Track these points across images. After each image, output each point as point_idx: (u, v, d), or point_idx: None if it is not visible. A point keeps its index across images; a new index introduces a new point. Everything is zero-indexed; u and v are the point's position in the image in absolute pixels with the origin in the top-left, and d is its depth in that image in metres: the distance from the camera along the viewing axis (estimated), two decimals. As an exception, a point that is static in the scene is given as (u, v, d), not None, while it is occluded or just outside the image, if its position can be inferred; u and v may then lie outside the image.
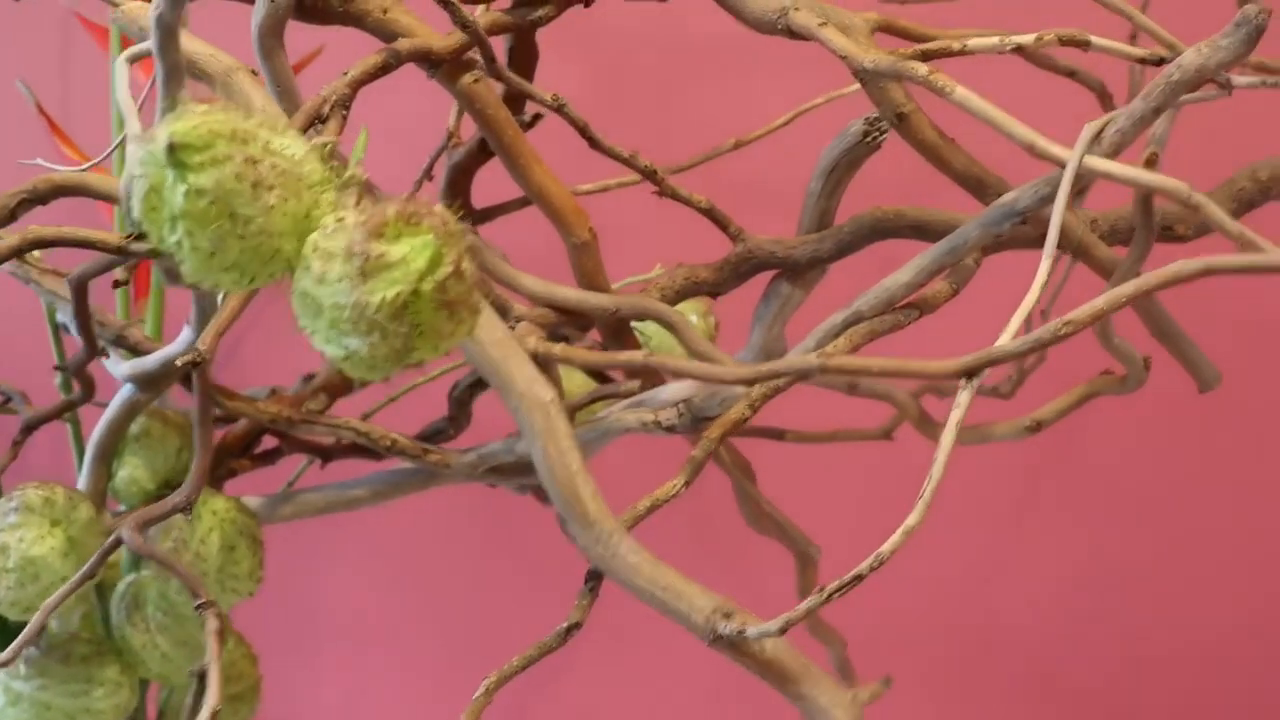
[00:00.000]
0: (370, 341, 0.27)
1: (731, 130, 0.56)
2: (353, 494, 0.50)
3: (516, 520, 0.78)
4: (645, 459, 0.52)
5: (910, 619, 0.69)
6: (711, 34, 0.63)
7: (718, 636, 0.33)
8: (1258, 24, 0.32)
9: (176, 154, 0.27)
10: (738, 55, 0.63)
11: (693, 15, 0.47)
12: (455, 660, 0.77)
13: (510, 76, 0.39)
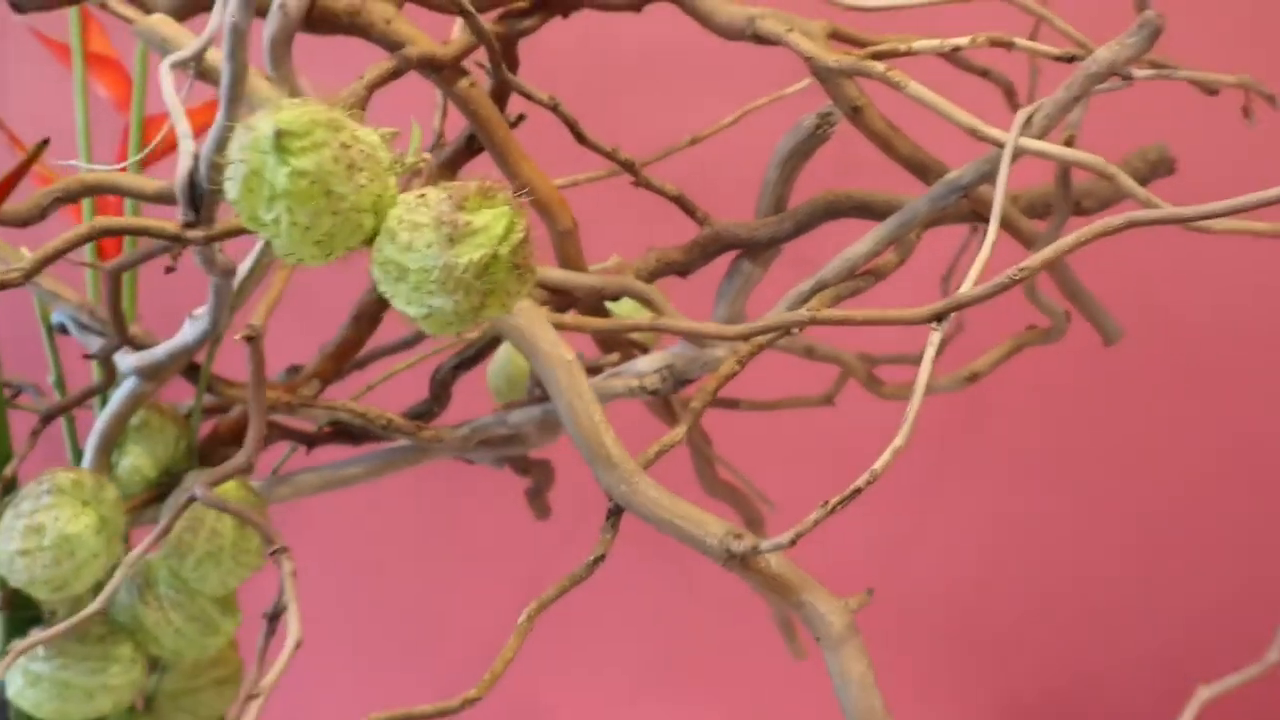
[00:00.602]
0: (455, 299, 0.32)
1: (658, 132, 0.62)
2: (347, 472, 0.54)
3: (465, 511, 0.83)
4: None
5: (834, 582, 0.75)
6: (643, 45, 0.68)
7: (731, 555, 0.38)
8: (1157, 26, 0.39)
9: (281, 140, 0.31)
10: (666, 64, 0.69)
11: (625, 27, 0.53)
12: (406, 651, 0.80)
13: (512, 79, 0.44)
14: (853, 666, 0.39)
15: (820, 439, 0.72)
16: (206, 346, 0.50)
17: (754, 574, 0.39)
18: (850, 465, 0.39)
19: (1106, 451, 0.80)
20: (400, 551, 0.81)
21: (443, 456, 0.53)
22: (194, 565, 0.49)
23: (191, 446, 0.53)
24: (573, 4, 0.46)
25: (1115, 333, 0.50)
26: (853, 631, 0.39)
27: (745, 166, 0.58)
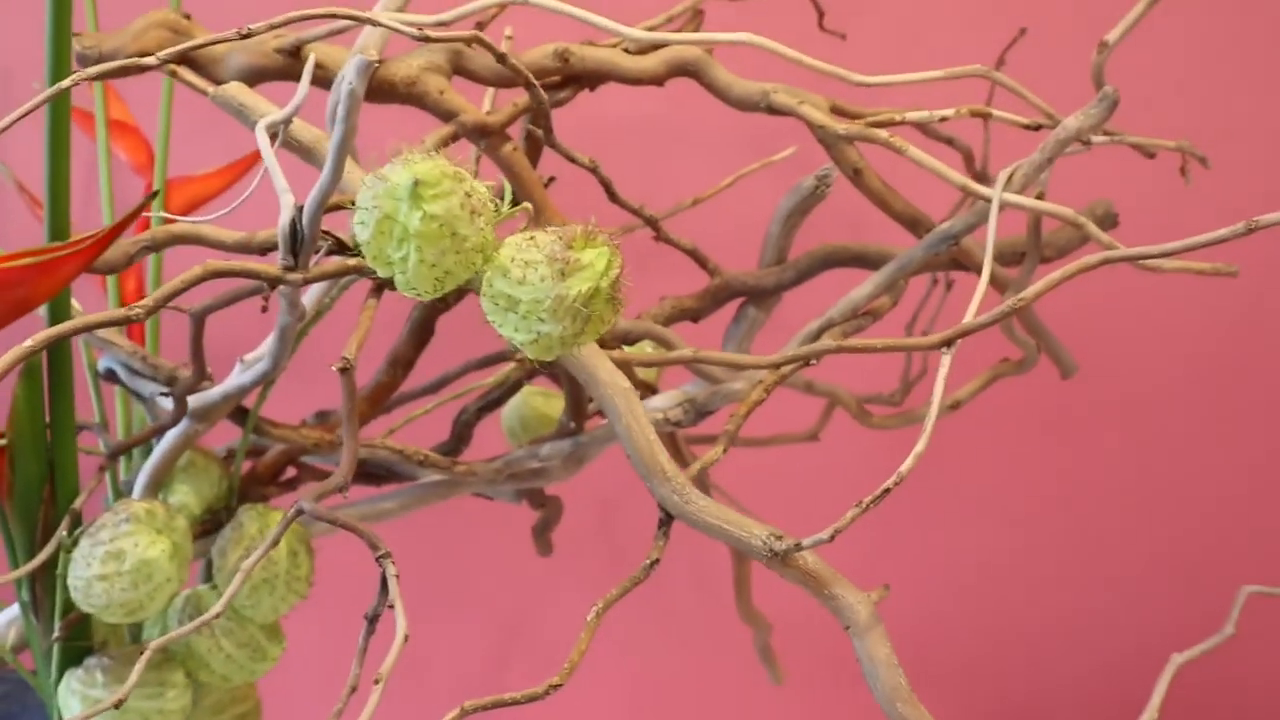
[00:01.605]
0: (562, 326, 0.38)
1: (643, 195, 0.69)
2: (383, 507, 0.59)
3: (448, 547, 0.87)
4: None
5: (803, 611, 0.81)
6: (629, 116, 0.75)
7: (773, 553, 0.44)
8: (1114, 99, 0.47)
9: (417, 188, 0.37)
10: (649, 135, 0.77)
11: (612, 99, 0.60)
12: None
13: (558, 143, 0.50)
14: (878, 650, 0.45)
15: (799, 471, 0.78)
16: (258, 389, 0.55)
17: (792, 570, 0.45)
18: (829, 492, 0.45)
19: (1058, 481, 0.88)
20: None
21: (470, 491, 0.59)
22: (248, 592, 0.53)
23: (233, 486, 0.58)
24: (600, 78, 0.53)
25: (1070, 367, 0.58)
26: (876, 620, 0.46)
27: (720, 223, 0.66)
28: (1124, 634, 0.89)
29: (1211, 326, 0.88)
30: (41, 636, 0.55)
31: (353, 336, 0.46)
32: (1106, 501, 0.89)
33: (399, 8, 0.51)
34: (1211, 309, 0.86)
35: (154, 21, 0.52)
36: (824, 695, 0.86)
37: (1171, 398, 0.87)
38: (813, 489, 0.73)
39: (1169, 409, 0.88)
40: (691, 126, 0.78)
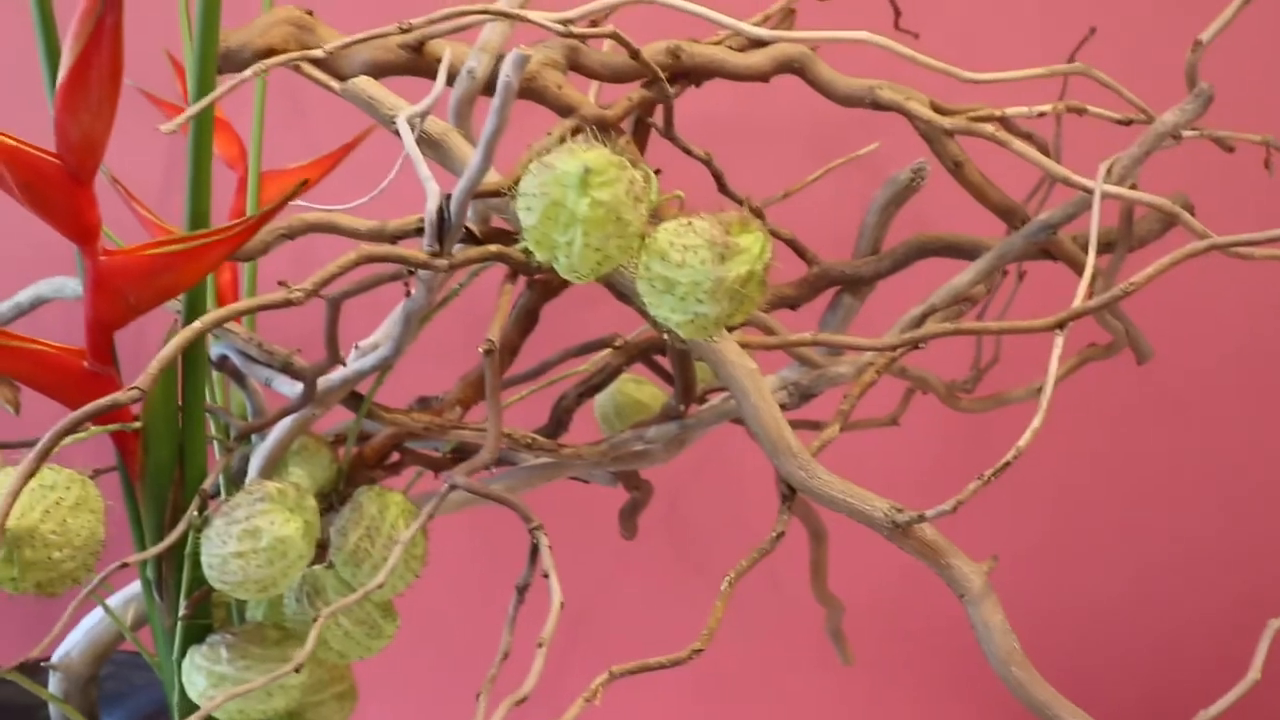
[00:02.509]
0: (720, 306, 0.41)
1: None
2: (490, 489, 0.62)
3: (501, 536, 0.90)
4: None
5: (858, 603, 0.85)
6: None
7: (895, 525, 0.48)
8: (1209, 95, 0.50)
9: (587, 176, 0.40)
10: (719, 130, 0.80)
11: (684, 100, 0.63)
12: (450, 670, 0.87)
13: (676, 136, 0.53)
14: (993, 616, 0.49)
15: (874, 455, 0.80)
16: (375, 375, 0.58)
17: (912, 541, 0.48)
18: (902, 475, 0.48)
19: (1110, 472, 0.92)
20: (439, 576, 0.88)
21: (572, 473, 0.62)
22: (369, 571, 0.56)
23: (341, 469, 0.61)
24: (706, 74, 0.56)
25: (1148, 352, 0.62)
26: (989, 589, 0.49)
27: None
28: (1176, 615, 0.92)
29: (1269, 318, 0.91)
30: (164, 615, 0.57)
31: (494, 321, 0.49)
32: (1163, 485, 0.92)
33: (521, 4, 0.54)
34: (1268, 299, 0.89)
35: (279, 18, 0.55)
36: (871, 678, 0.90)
37: (1229, 386, 0.91)
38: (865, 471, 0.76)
39: (1227, 396, 0.91)
40: (753, 122, 0.81)
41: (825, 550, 0.72)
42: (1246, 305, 0.90)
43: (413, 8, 0.55)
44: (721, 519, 0.90)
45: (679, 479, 0.86)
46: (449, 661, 0.92)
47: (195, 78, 0.49)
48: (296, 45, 0.55)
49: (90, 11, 0.44)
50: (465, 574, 0.90)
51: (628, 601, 0.87)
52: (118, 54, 0.45)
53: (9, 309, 0.65)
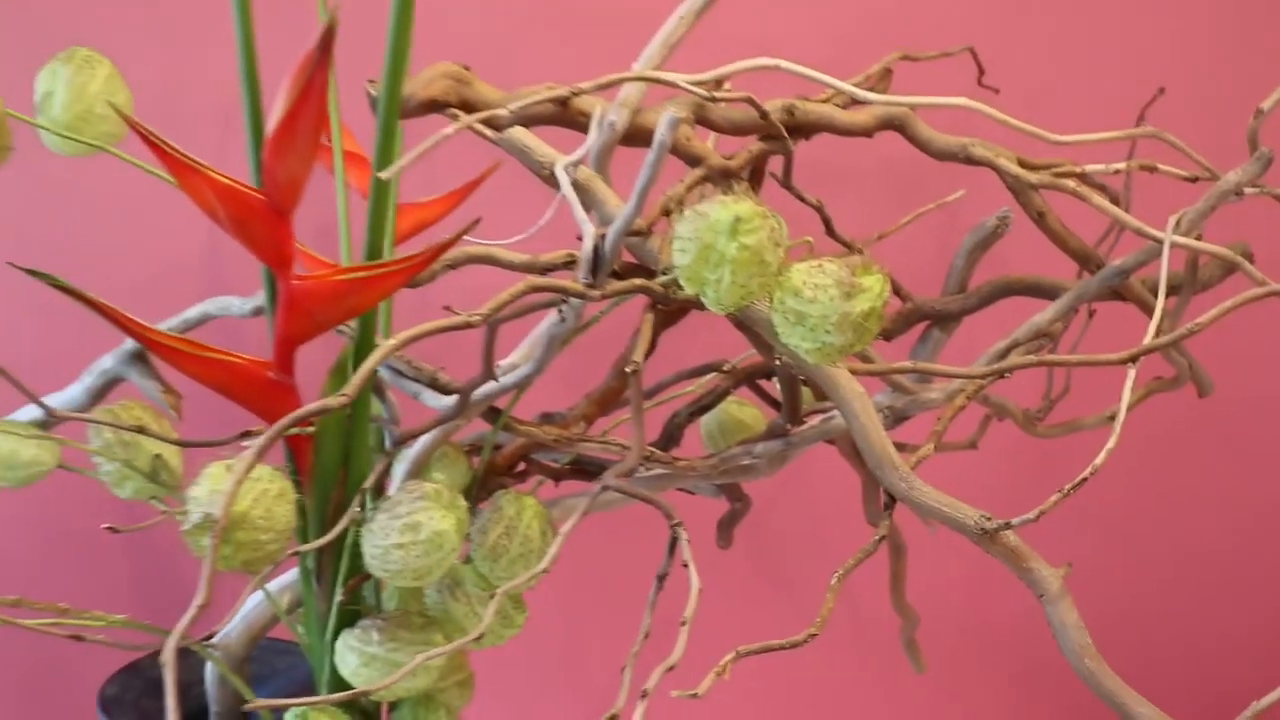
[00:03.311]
0: (844, 337, 0.49)
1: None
2: (605, 498, 0.70)
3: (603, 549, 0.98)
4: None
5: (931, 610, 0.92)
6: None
7: (984, 531, 0.55)
8: (1269, 159, 0.58)
9: (737, 224, 0.48)
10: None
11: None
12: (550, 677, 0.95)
13: (793, 186, 0.62)
14: (1068, 616, 0.56)
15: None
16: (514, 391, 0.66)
17: (998, 546, 0.56)
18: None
19: (1169, 498, 0.99)
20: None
21: (682, 484, 0.70)
22: (506, 565, 0.64)
23: (476, 475, 0.69)
24: (817, 129, 0.65)
25: (1209, 386, 0.69)
26: (1065, 591, 0.57)
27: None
28: (1225, 622, 0.99)
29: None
30: (319, 600, 0.66)
31: (639, 345, 0.57)
32: (1218, 506, 1.00)
33: (656, 65, 0.62)
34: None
35: (440, 72, 0.64)
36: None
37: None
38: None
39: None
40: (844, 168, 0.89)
41: (904, 563, 0.79)
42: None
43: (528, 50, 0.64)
44: (797, 531, 0.98)
45: (764, 494, 0.94)
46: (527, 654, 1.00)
47: (382, 125, 0.58)
48: (456, 97, 0.63)
49: (303, 71, 0.53)
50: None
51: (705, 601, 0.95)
52: (323, 108, 0.54)
53: (178, 324, 0.74)
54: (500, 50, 0.95)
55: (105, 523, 0.63)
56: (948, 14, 0.96)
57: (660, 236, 0.60)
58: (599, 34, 0.94)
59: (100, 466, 0.65)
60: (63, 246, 0.97)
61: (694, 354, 0.74)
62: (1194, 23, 0.96)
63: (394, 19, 0.56)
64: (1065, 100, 0.95)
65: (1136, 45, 0.97)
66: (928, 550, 0.81)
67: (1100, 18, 0.98)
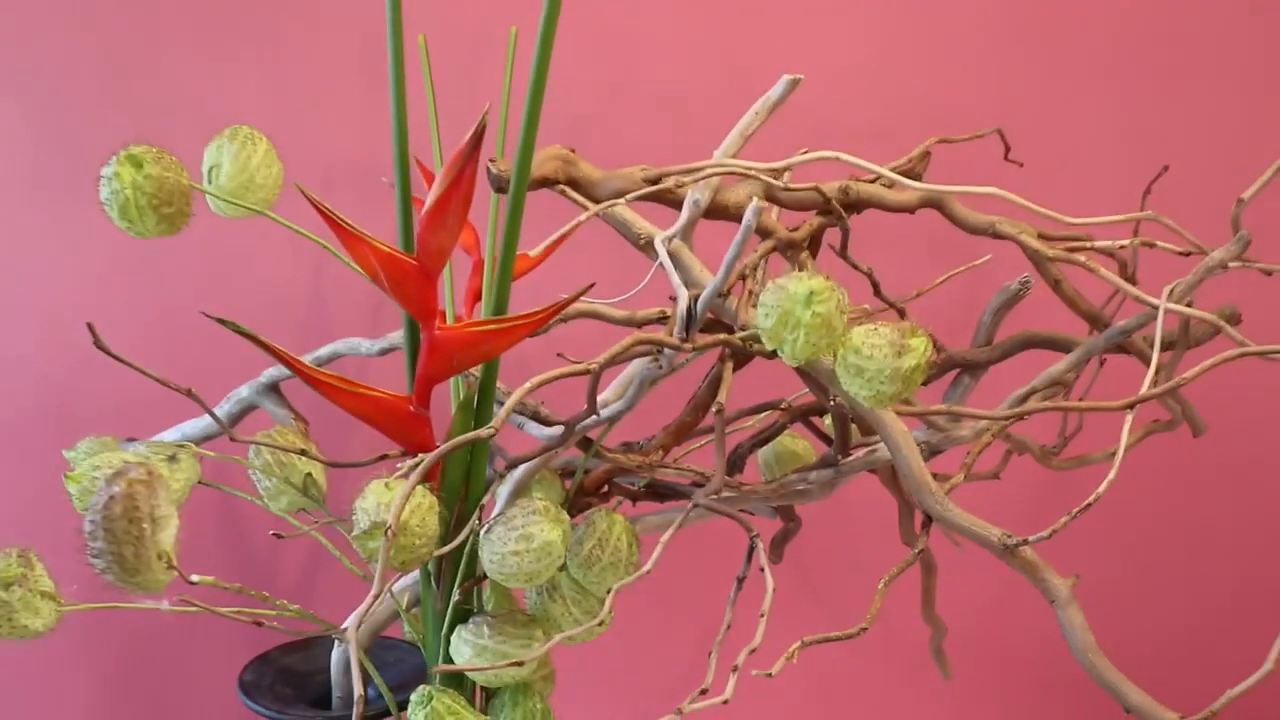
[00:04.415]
0: (895, 387, 0.63)
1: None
2: (674, 516, 0.84)
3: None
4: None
5: (957, 624, 1.06)
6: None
7: (1006, 547, 0.69)
8: (1247, 241, 0.72)
9: (811, 296, 0.63)
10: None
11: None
12: (603, 681, 1.09)
13: (848, 255, 0.76)
14: (1076, 617, 0.70)
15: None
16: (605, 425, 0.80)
17: (1017, 559, 0.70)
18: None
19: (1174, 526, 1.14)
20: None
21: (745, 506, 0.84)
22: (598, 573, 0.78)
23: (568, 495, 0.83)
24: (865, 205, 0.79)
25: (1202, 427, 0.83)
26: (1073, 598, 0.70)
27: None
28: (1225, 642, 1.13)
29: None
30: (437, 600, 0.80)
31: (722, 389, 0.72)
32: (1221, 533, 1.14)
33: (733, 154, 0.76)
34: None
35: (550, 154, 0.78)
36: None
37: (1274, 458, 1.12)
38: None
39: (1269, 464, 1.13)
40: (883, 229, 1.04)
41: (935, 580, 0.93)
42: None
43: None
44: (836, 548, 1.12)
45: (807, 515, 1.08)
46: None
47: (512, 202, 0.72)
48: (564, 175, 0.77)
49: (455, 163, 0.67)
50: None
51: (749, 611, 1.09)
52: (470, 192, 0.68)
53: (311, 360, 0.88)
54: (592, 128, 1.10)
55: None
56: (980, 97, 1.11)
57: (737, 298, 0.74)
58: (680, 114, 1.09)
59: (259, 483, 0.79)
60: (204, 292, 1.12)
61: (751, 393, 0.88)
62: (1199, 107, 1.11)
63: (526, 115, 0.70)
64: (1086, 170, 1.10)
65: (1147, 123, 1.12)
66: (955, 569, 0.95)
67: (1117, 100, 1.12)
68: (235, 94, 1.11)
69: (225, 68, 1.11)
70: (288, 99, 1.12)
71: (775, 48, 1.13)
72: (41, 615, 0.63)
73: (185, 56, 1.11)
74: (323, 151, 1.11)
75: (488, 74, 1.06)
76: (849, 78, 1.13)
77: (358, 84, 1.12)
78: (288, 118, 1.12)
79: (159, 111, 1.12)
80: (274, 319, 1.13)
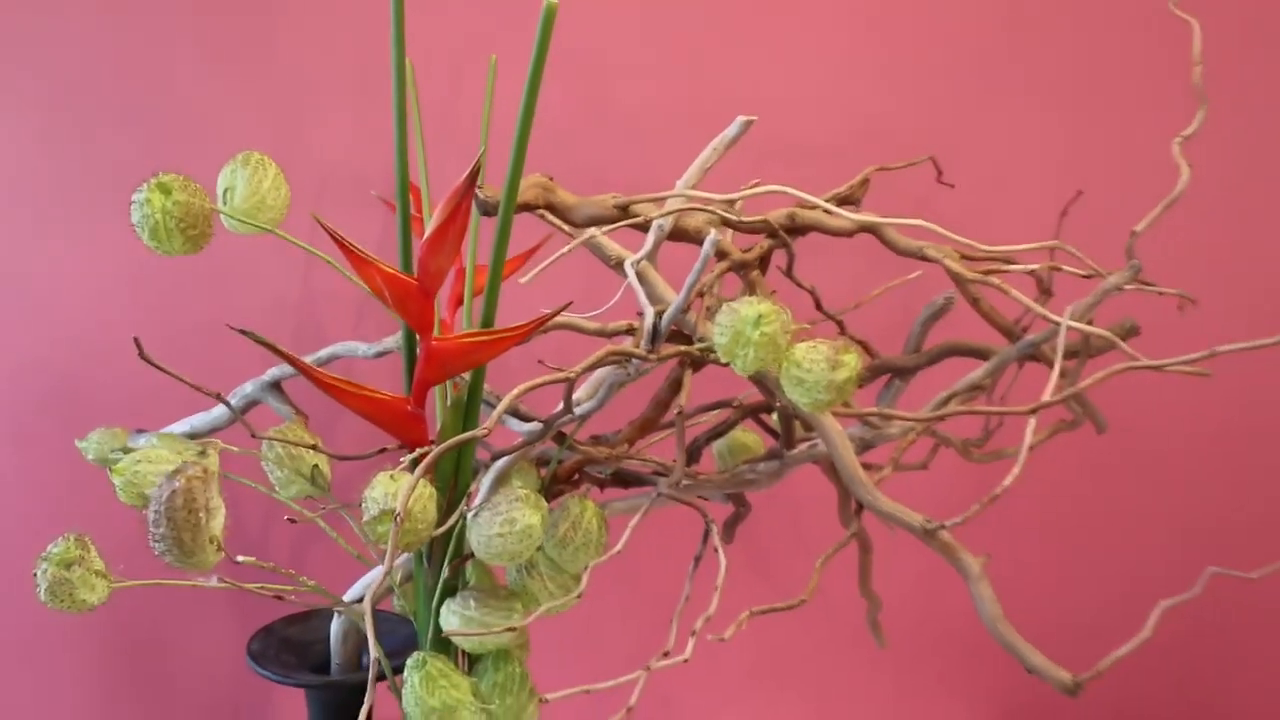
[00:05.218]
0: (830, 396, 0.76)
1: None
2: (637, 502, 0.97)
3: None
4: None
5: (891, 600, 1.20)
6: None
7: (926, 530, 0.83)
8: (1138, 268, 0.86)
9: (760, 319, 0.75)
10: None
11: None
12: (561, 658, 1.22)
13: (794, 275, 0.89)
14: (985, 591, 0.83)
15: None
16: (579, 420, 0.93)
17: (936, 541, 0.83)
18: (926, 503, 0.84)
19: (1086, 511, 1.28)
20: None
21: (701, 493, 0.97)
22: (571, 552, 0.91)
23: (543, 482, 0.96)
24: (809, 230, 0.92)
25: (1103, 425, 0.97)
26: (984, 574, 0.84)
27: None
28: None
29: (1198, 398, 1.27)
30: (428, 575, 0.92)
31: (683, 393, 0.84)
32: (1125, 518, 1.28)
33: (693, 185, 0.89)
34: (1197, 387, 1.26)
35: (531, 182, 0.90)
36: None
37: (1177, 445, 1.27)
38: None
39: (1175, 452, 1.27)
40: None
41: (871, 559, 1.06)
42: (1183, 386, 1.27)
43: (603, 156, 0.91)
44: (783, 531, 1.26)
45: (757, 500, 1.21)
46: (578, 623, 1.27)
47: (500, 226, 0.84)
48: (543, 201, 0.90)
49: (454, 196, 0.79)
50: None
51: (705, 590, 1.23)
52: (466, 222, 0.80)
53: (311, 361, 1.00)
54: (562, 149, 1.22)
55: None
56: (922, 121, 1.24)
57: (695, 313, 0.87)
58: (647, 135, 1.21)
59: (272, 473, 0.91)
60: (203, 298, 1.23)
61: (706, 392, 1.00)
62: (1119, 135, 1.25)
63: (514, 150, 0.82)
64: (1016, 191, 1.23)
65: (1071, 149, 1.25)
66: (890, 549, 1.08)
67: (1043, 129, 1.26)
68: (236, 112, 1.23)
69: (227, 87, 1.23)
70: (284, 117, 1.24)
71: (738, 76, 1.25)
72: (96, 591, 0.75)
73: (191, 78, 1.22)
74: (315, 164, 1.22)
75: (468, 96, 1.18)
76: (805, 103, 1.25)
77: (347, 105, 1.23)
78: (284, 134, 1.23)
79: (166, 128, 1.23)
80: (268, 322, 1.24)
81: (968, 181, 1.09)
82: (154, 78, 1.23)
